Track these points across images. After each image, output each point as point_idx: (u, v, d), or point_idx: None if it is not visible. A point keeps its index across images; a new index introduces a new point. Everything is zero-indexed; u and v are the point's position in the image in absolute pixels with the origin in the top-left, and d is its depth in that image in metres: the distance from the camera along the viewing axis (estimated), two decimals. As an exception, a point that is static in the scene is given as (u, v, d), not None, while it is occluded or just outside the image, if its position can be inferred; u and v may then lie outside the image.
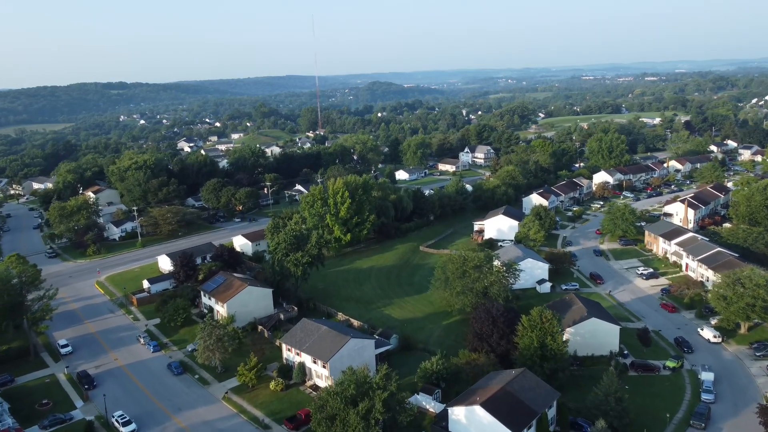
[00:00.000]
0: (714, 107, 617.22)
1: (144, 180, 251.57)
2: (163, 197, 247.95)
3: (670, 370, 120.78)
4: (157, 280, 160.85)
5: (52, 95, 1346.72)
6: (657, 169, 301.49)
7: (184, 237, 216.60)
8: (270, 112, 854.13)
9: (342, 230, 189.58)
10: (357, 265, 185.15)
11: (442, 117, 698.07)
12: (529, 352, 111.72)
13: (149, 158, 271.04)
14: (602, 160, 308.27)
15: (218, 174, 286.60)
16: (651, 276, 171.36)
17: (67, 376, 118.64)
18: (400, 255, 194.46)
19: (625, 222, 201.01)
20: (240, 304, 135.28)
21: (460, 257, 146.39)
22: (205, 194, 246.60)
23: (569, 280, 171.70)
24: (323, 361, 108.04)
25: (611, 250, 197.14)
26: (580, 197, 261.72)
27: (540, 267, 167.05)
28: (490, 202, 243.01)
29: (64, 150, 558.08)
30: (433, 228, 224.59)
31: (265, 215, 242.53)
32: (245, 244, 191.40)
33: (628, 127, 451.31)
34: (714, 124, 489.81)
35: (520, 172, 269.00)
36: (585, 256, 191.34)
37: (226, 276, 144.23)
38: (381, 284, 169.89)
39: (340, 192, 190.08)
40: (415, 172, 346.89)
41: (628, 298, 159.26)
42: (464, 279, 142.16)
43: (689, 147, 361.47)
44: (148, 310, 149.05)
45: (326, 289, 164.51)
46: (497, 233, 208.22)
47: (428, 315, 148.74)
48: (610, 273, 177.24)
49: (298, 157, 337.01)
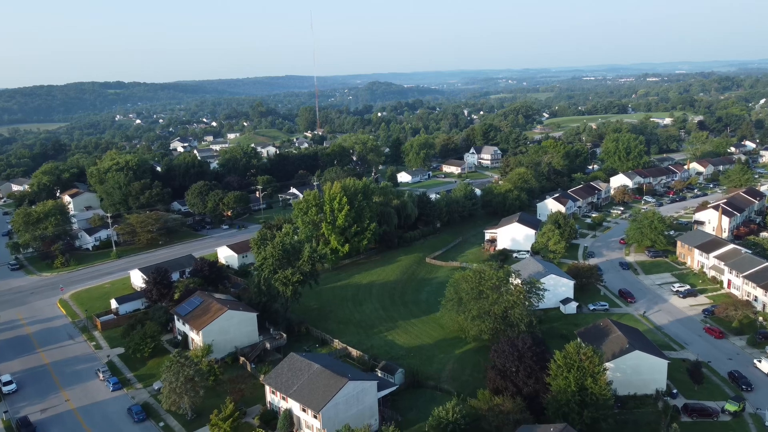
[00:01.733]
0: (723, 107, 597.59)
1: (125, 182, 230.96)
2: (145, 201, 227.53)
3: (730, 414, 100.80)
4: (126, 299, 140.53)
5: (49, 94, 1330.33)
6: (678, 171, 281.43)
7: (165, 246, 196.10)
8: (267, 112, 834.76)
9: (339, 240, 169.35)
10: (356, 280, 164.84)
11: (444, 117, 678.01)
12: (564, 397, 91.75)
13: (132, 159, 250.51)
14: (619, 162, 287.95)
15: (207, 176, 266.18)
16: (688, 294, 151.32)
17: (5, 423, 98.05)
18: (404, 268, 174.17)
19: (654, 231, 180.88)
20: (218, 332, 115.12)
21: (475, 275, 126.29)
22: (191, 198, 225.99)
23: (596, 298, 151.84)
24: (314, 411, 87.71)
25: (639, 263, 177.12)
26: (598, 202, 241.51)
27: (564, 284, 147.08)
28: (501, 207, 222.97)
29: (52, 150, 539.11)
30: (440, 237, 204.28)
31: (257, 221, 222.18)
32: (230, 255, 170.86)
33: (639, 128, 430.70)
34: (729, 125, 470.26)
35: (533, 175, 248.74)
36: (610, 270, 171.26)
37: (203, 297, 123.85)
38: (383, 303, 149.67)
39: (337, 197, 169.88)
40: (418, 174, 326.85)
41: (666, 321, 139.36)
42: (480, 301, 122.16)
43: (708, 148, 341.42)
44: (114, 335, 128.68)
45: (321, 310, 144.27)
46: (511, 243, 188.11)
47: (438, 342, 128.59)
48: (641, 290, 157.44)
49: (294, 158, 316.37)
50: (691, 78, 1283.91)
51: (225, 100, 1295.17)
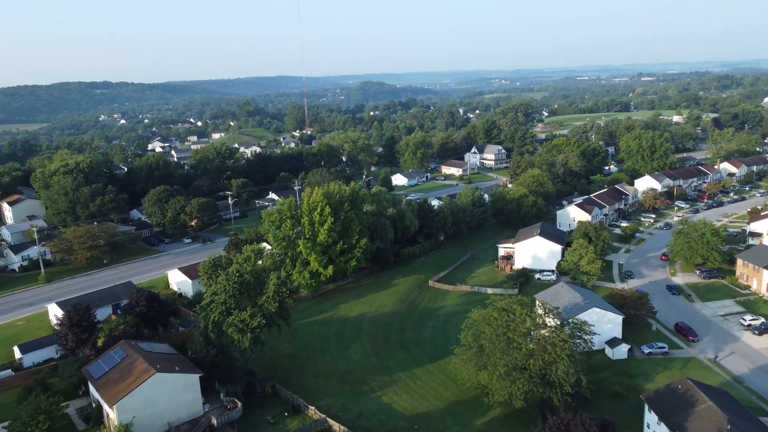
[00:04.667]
0: (730, 105, 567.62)
1: (72, 187, 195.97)
2: (96, 210, 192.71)
3: None
4: (35, 345, 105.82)
5: (33, 94, 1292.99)
6: (709, 172, 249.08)
7: (110, 266, 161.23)
8: (255, 111, 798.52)
9: (321, 261, 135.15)
10: (342, 311, 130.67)
11: (439, 116, 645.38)
12: None
13: (83, 160, 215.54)
14: (642, 162, 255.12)
15: (174, 179, 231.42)
16: (766, 330, 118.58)
17: None
18: (402, 294, 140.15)
19: (706, 246, 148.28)
20: (142, 405, 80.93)
21: (501, 317, 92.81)
22: (148, 206, 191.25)
23: (647, 335, 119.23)
24: None
25: (691, 286, 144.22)
26: (625, 209, 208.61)
27: (610, 320, 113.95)
28: (515, 215, 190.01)
29: (22, 151, 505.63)
30: (445, 252, 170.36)
31: (227, 233, 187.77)
32: (183, 281, 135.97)
33: (652, 125, 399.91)
34: (746, 122, 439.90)
35: (549, 178, 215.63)
36: (657, 295, 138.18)
37: (127, 350, 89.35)
38: (376, 346, 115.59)
39: (318, 207, 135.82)
40: (414, 177, 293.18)
41: (745, 369, 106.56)
42: (510, 352, 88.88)
43: (734, 146, 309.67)
44: (9, 401, 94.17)
45: (295, 357, 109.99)
46: (532, 261, 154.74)
47: (451, 405, 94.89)
48: (702, 323, 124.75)
49: (276, 159, 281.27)
50: (687, 77, 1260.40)
51: (214, 101, 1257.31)
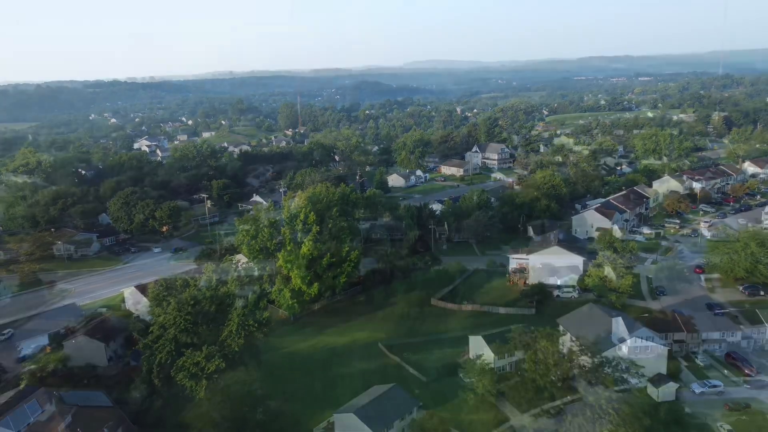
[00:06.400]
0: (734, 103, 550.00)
1: (30, 189, 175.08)
2: (56, 214, 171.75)
3: None
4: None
5: (22, 93, 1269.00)
6: (733, 173, 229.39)
7: (63, 280, 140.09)
8: (248, 110, 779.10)
9: (305, 277, 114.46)
10: (328, 339, 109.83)
11: (437, 114, 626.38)
12: None
13: (47, 159, 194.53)
14: (659, 163, 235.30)
15: (149, 181, 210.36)
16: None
17: None
18: (399, 316, 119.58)
19: (751, 257, 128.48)
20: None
21: (531, 362, 72.66)
22: (114, 210, 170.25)
23: (694, 368, 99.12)
24: None
25: (735, 304, 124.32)
26: (646, 213, 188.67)
27: (653, 351, 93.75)
28: (526, 221, 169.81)
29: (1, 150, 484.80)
30: (448, 264, 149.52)
31: (202, 241, 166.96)
32: (140, 302, 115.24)
33: (661, 123, 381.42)
34: (757, 120, 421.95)
35: (561, 179, 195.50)
36: (697, 317, 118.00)
37: (44, 403, 68.60)
38: (370, 385, 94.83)
39: (301, 214, 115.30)
40: (412, 177, 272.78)
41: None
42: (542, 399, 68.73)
43: (756, 144, 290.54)
44: None
45: (268, 403, 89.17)
46: (549, 274, 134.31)
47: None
48: (756, 351, 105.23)
49: (263, 158, 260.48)
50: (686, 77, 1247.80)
51: (208, 99, 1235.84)
